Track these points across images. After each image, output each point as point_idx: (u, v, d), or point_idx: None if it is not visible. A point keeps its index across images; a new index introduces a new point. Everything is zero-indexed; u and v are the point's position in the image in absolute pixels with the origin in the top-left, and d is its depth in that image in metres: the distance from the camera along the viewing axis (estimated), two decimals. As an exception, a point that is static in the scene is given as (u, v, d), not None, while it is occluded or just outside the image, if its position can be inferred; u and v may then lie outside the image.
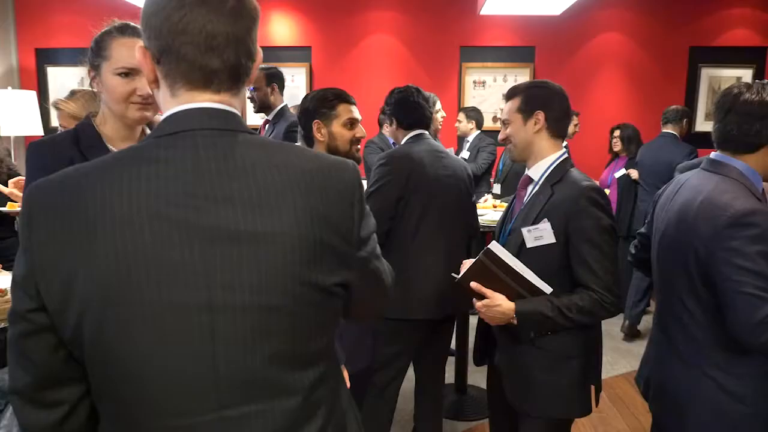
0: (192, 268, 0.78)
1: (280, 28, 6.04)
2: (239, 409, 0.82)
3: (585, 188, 1.56)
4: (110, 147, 1.42)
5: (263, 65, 3.18)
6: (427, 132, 2.32)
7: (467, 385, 3.22)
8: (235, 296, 0.79)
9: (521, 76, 6.01)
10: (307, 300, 0.84)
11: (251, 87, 3.14)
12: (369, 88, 6.02)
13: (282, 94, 3.22)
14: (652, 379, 1.64)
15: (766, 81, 1.44)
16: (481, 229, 2.66)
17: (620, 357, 3.86)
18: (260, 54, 0.91)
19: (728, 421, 1.42)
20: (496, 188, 4.44)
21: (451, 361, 3.31)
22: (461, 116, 4.82)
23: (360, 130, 1.96)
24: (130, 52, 1.33)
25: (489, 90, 6.01)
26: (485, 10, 4.49)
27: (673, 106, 4.58)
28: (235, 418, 0.82)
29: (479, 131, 4.76)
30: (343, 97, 1.95)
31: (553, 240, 1.58)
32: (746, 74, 6.04)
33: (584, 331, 1.63)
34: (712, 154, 1.51)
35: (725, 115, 1.44)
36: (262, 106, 3.17)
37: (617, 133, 4.75)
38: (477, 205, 2.85)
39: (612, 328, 4.08)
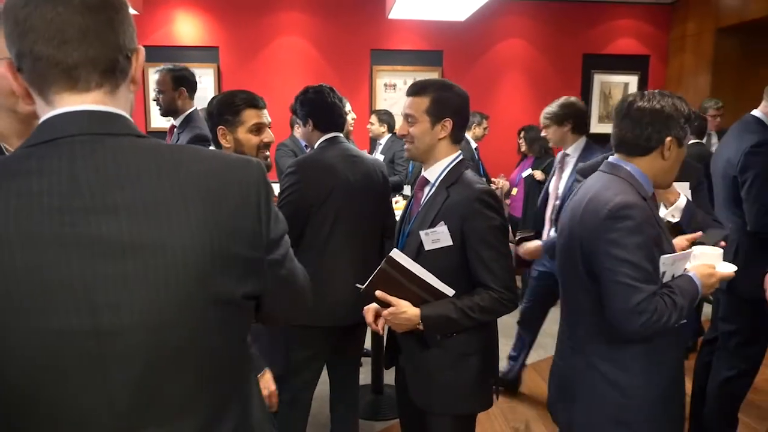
0: (72, 290, 0.72)
1: (185, 27, 5.82)
2: None
3: (477, 191, 1.61)
4: (4, 147, 1.29)
5: (172, 66, 3.03)
6: (341, 135, 2.26)
7: (383, 385, 3.25)
8: (123, 318, 0.74)
9: (430, 79, 6.15)
10: (210, 316, 0.79)
11: (156, 89, 2.99)
12: (280, 89, 5.93)
13: (192, 98, 3.07)
14: (555, 369, 1.73)
15: (659, 90, 1.55)
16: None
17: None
18: (142, 51, 0.84)
19: (609, 409, 1.50)
20: (407, 189, 4.52)
21: (366, 362, 3.34)
22: (373, 119, 4.86)
23: (268, 135, 1.88)
24: None
25: (400, 93, 6.12)
26: (393, 14, 4.57)
27: None
28: None
29: (391, 134, 4.83)
30: (250, 102, 1.86)
31: (450, 242, 1.61)
32: (632, 80, 6.55)
33: (482, 329, 1.69)
34: (610, 158, 1.61)
35: (621, 120, 1.53)
36: (168, 110, 3.01)
37: (522, 134, 4.98)
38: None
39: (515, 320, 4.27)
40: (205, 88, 5.74)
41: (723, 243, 1.78)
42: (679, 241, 1.72)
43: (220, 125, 1.85)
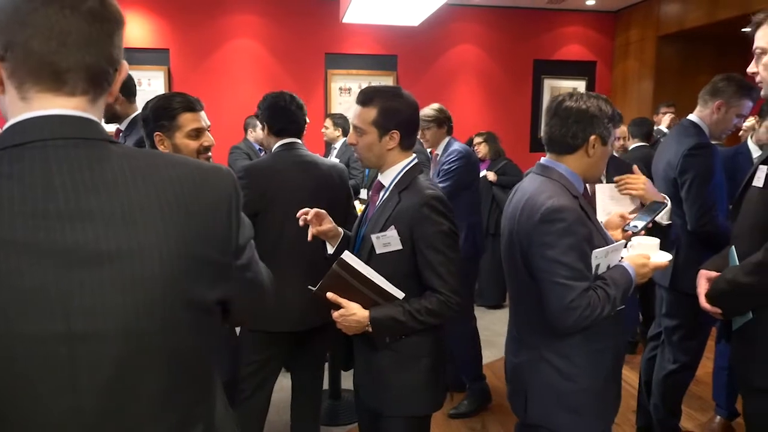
0: (46, 296, 0.72)
1: (133, 29, 5.67)
2: None
3: (426, 196, 1.63)
4: None
5: None
6: (299, 141, 2.26)
7: (341, 390, 3.25)
8: (98, 323, 0.74)
9: (385, 83, 6.20)
10: (183, 321, 0.80)
11: None
12: (233, 93, 5.86)
13: (133, 101, 2.98)
14: (508, 365, 1.78)
15: (591, 93, 1.64)
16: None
17: (485, 349, 4.11)
18: (125, 66, 0.85)
19: (561, 397, 1.58)
20: (363, 193, 4.54)
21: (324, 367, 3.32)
22: (328, 122, 4.86)
23: (207, 139, 1.83)
24: None
25: (355, 97, 6.13)
26: (347, 18, 4.58)
27: None
28: None
29: (345, 138, 4.83)
30: (186, 105, 1.80)
31: (399, 246, 1.63)
32: (581, 85, 6.77)
33: (433, 331, 1.71)
34: (542, 159, 1.68)
35: (551, 118, 1.62)
36: (109, 117, 2.93)
37: (477, 139, 5.07)
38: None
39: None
40: (155, 91, 5.62)
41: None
42: (614, 218, 1.79)
43: (157, 131, 1.79)
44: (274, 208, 2.11)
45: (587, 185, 1.72)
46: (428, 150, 3.42)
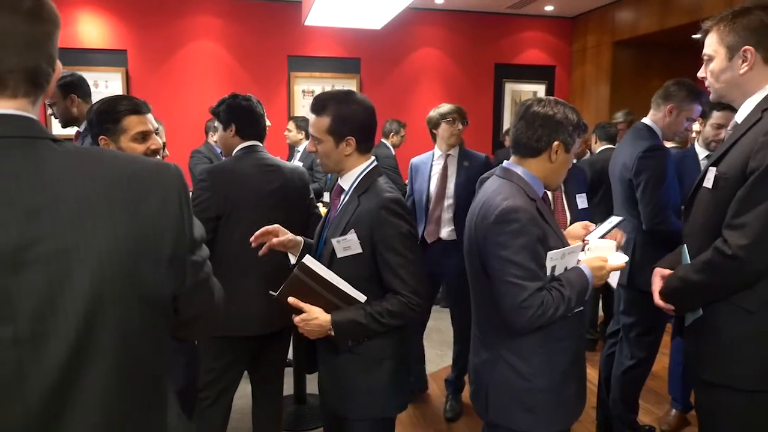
0: None
1: (89, 29, 5.53)
2: None
3: (384, 199, 1.64)
4: None
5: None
6: (261, 144, 2.24)
7: (306, 395, 3.23)
8: (47, 324, 0.72)
9: (348, 86, 6.20)
10: (135, 318, 0.79)
11: (48, 102, 2.82)
12: (194, 95, 5.77)
13: (88, 102, 2.91)
14: (471, 365, 1.80)
15: (555, 99, 1.67)
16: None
17: (448, 349, 4.15)
18: (60, 66, 0.85)
19: (518, 396, 1.61)
20: (327, 197, 4.52)
21: (288, 372, 3.29)
22: (291, 125, 4.82)
23: (155, 142, 1.79)
24: None
25: (318, 99, 6.12)
26: (310, 21, 4.56)
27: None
28: None
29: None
30: (132, 108, 1.75)
31: (359, 250, 1.64)
32: (540, 89, 6.91)
33: (395, 333, 1.72)
34: (504, 162, 1.71)
35: (518, 121, 1.66)
36: (66, 120, 2.85)
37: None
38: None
39: (439, 323, 4.36)
40: (113, 93, 5.47)
41: (619, 236, 1.88)
42: (575, 228, 1.84)
43: (101, 135, 1.74)
44: (238, 211, 2.09)
45: (548, 192, 1.76)
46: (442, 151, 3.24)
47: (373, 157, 1.78)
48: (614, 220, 1.83)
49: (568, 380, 1.64)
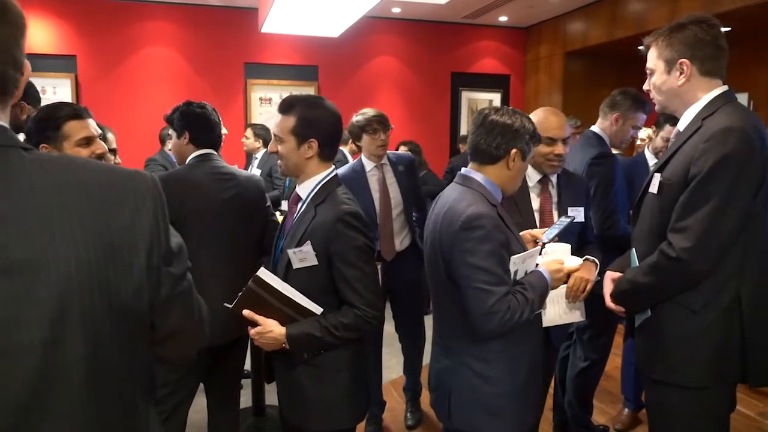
0: None
1: (36, 33, 5.34)
2: None
3: (340, 212, 1.62)
4: None
5: None
6: (216, 152, 2.20)
7: (266, 406, 3.18)
8: (14, 336, 0.70)
9: (306, 93, 6.17)
10: (107, 330, 0.77)
11: None
12: (148, 102, 5.64)
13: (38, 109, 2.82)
14: (432, 371, 1.81)
15: (512, 108, 1.71)
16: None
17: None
18: (28, 67, 0.82)
19: (481, 401, 1.63)
20: (285, 205, 4.48)
21: (246, 383, 3.24)
22: (249, 133, 4.77)
23: (99, 147, 1.75)
24: None
25: (276, 107, 6.05)
26: (266, 28, 4.53)
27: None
28: None
29: (266, 149, 4.77)
30: (72, 113, 1.72)
31: (315, 262, 1.62)
32: (496, 98, 7.05)
33: (352, 344, 1.70)
34: (463, 169, 1.74)
35: (476, 129, 1.69)
36: (17, 128, 2.75)
37: (403, 148, 5.15)
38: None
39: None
40: (62, 99, 5.29)
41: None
42: (524, 233, 1.88)
43: (42, 143, 1.69)
44: (192, 220, 2.04)
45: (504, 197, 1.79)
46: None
47: (333, 167, 1.76)
48: (564, 220, 1.88)
49: (530, 383, 1.68)
